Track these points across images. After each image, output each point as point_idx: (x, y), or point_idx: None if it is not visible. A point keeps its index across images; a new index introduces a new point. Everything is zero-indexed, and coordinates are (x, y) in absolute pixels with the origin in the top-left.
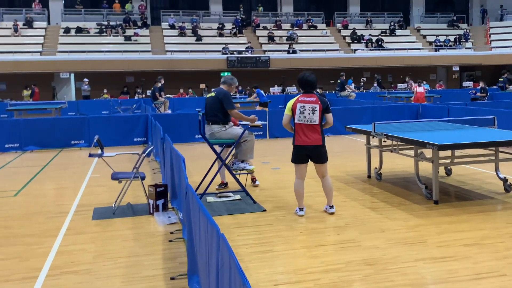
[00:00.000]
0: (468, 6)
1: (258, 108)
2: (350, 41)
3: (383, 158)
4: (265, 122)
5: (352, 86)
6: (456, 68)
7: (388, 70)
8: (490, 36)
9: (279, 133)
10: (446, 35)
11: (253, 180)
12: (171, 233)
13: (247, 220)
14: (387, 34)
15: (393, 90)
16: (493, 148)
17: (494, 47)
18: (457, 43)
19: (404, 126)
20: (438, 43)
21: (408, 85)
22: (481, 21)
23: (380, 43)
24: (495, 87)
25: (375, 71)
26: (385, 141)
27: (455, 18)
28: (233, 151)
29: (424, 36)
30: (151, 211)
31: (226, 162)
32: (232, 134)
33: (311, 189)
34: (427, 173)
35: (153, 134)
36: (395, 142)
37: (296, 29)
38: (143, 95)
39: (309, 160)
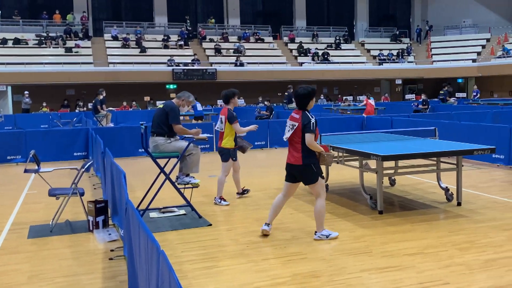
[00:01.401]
0: (410, 21)
1: (193, 121)
2: (297, 54)
3: (329, 169)
4: (211, 135)
5: None
6: (399, 81)
7: (334, 83)
8: (431, 51)
9: None
10: (390, 49)
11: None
12: (112, 250)
13: (192, 235)
14: (333, 48)
15: (339, 103)
16: (435, 159)
17: (435, 61)
18: (400, 57)
19: (350, 137)
20: (382, 57)
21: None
22: (423, 36)
23: (326, 56)
24: (436, 99)
25: (322, 84)
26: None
27: (398, 33)
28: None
29: (368, 50)
30: (91, 228)
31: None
32: (176, 147)
33: (260, 201)
34: (372, 184)
35: (94, 148)
36: (340, 154)
37: (243, 42)
38: (84, 108)
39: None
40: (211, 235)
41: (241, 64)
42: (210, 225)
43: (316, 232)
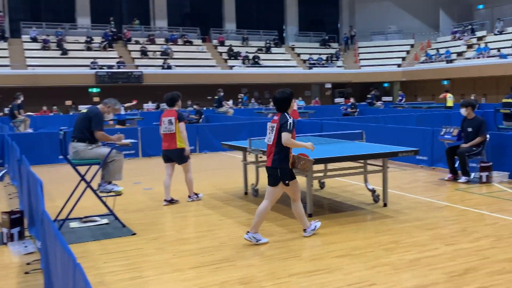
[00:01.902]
0: (339, 27)
1: (117, 126)
2: (227, 57)
3: (260, 174)
4: (135, 140)
5: (230, 102)
6: (328, 85)
7: (265, 87)
8: (359, 56)
9: (153, 151)
10: (319, 54)
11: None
12: (28, 264)
13: (115, 245)
14: (263, 52)
15: (271, 106)
16: (362, 161)
17: (362, 66)
18: (329, 61)
19: None
20: (312, 61)
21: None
22: (350, 41)
23: (256, 60)
24: (364, 103)
25: (253, 88)
26: (261, 157)
27: (327, 37)
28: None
29: (299, 54)
30: (5, 241)
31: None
32: (98, 154)
33: (188, 208)
34: (302, 187)
35: (10, 155)
36: None
37: (171, 44)
38: (1, 113)
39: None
40: (135, 244)
41: (169, 67)
42: (135, 234)
43: (305, 230)
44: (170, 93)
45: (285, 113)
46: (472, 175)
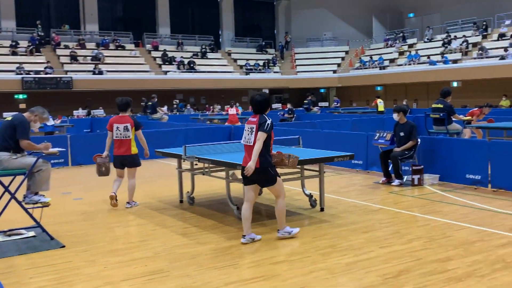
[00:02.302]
0: (275, 33)
1: (45, 134)
2: (161, 63)
3: (195, 181)
4: (64, 149)
5: (165, 108)
6: (266, 91)
7: (201, 92)
8: (295, 61)
9: (83, 160)
10: (256, 59)
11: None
12: None
13: (43, 259)
14: (199, 57)
15: (207, 112)
16: (299, 166)
17: (299, 72)
18: (266, 67)
19: (216, 148)
20: (249, 67)
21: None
22: (287, 47)
23: (192, 65)
24: (301, 108)
25: (189, 93)
26: (196, 164)
27: (263, 43)
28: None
29: (235, 60)
30: None
31: None
32: (23, 163)
33: (114, 219)
34: (241, 194)
35: None
36: (206, 165)
37: (102, 49)
38: None
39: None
40: (64, 257)
41: (100, 72)
42: (64, 246)
43: (278, 230)
44: (123, 98)
45: (264, 115)
46: (405, 178)
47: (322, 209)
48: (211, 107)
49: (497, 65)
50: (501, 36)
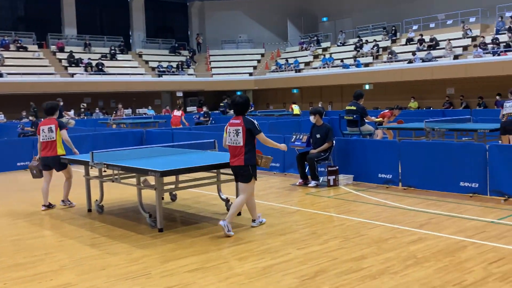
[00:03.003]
0: (189, 34)
1: None
2: (67, 65)
3: (105, 189)
4: None
5: (71, 112)
6: (180, 94)
7: (111, 96)
8: (210, 64)
9: None
10: (169, 61)
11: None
12: None
13: None
14: (108, 59)
15: (123, 115)
16: (215, 171)
17: (214, 74)
18: (180, 69)
19: (127, 153)
20: (161, 69)
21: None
22: (202, 49)
23: (100, 67)
24: (217, 111)
25: (97, 97)
26: (105, 171)
27: (176, 45)
28: None
29: (147, 62)
30: None
31: None
32: None
33: (15, 231)
34: (153, 201)
35: None
36: (116, 171)
37: (2, 50)
38: None
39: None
40: None
41: (0, 75)
42: None
43: (224, 219)
44: (49, 102)
45: (246, 116)
46: (321, 179)
47: (239, 214)
48: (116, 109)
49: (405, 68)
50: (409, 40)
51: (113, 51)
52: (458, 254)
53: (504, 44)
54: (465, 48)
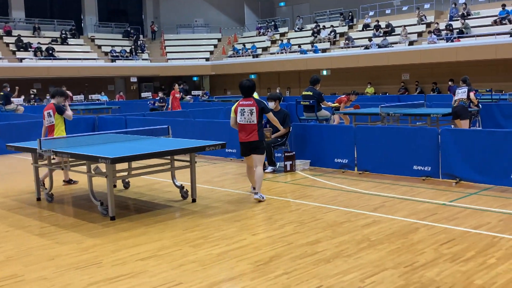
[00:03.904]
0: (143, 18)
1: None
2: (15, 49)
3: (54, 177)
4: None
5: (20, 99)
6: (134, 79)
7: (62, 81)
8: (165, 48)
9: None
10: (122, 46)
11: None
12: None
13: None
14: (59, 43)
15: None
16: (169, 157)
17: (170, 59)
18: (134, 54)
19: (77, 140)
20: (114, 54)
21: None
22: (156, 33)
23: (51, 52)
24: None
25: (48, 82)
26: (53, 158)
27: (130, 29)
28: None
29: (100, 46)
30: None
31: None
32: None
33: None
34: (105, 188)
35: None
36: (65, 159)
37: None
38: None
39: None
40: None
41: None
42: None
43: (256, 193)
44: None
45: (255, 97)
46: (278, 164)
47: (194, 200)
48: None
49: (362, 54)
50: (366, 26)
51: (64, 35)
52: (410, 236)
53: (457, 30)
54: (419, 34)
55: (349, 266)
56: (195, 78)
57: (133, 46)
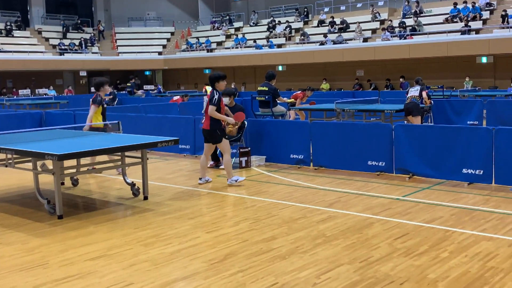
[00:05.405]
0: (93, 10)
1: None
2: None
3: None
4: None
5: None
6: (83, 73)
7: (7, 75)
8: (116, 42)
9: None
10: (71, 39)
11: None
12: None
13: None
14: (4, 35)
15: (15, 97)
16: (120, 153)
17: (121, 53)
18: (83, 47)
19: (22, 136)
20: (63, 47)
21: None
22: (106, 26)
23: None
24: (124, 92)
25: None
26: None
27: (79, 21)
28: None
29: (47, 39)
30: None
31: None
32: None
33: None
34: (52, 186)
35: None
36: (9, 155)
37: None
38: None
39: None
40: None
41: None
42: None
43: (228, 179)
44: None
45: (215, 90)
46: (233, 160)
47: (145, 198)
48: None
49: (317, 50)
50: (321, 22)
51: (8, 27)
52: (365, 231)
53: (410, 28)
54: (373, 31)
55: (305, 263)
56: (147, 73)
57: (82, 39)
